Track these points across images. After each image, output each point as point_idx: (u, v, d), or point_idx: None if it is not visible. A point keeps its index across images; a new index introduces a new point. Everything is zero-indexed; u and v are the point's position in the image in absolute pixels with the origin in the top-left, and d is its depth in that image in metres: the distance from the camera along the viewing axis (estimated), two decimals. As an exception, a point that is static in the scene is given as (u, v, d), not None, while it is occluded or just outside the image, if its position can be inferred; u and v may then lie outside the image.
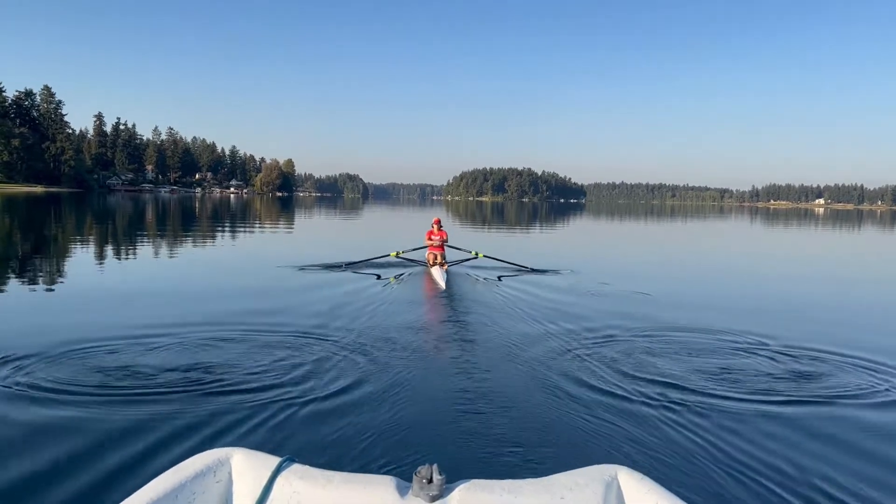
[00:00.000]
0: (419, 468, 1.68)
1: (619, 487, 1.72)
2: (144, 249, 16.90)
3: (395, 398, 4.71)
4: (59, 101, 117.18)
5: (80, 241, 18.98)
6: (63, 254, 15.21)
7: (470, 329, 7.35)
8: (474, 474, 1.80)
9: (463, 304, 9.10)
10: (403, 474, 1.76)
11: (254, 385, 4.85)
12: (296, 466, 1.77)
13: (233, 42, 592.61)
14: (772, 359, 6.16)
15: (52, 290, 9.79)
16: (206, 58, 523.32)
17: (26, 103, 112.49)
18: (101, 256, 15.02)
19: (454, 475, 1.77)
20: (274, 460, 1.78)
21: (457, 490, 1.67)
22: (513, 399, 4.84)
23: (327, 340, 6.34)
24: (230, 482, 1.77)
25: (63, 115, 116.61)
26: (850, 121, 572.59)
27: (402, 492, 1.67)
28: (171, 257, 15.60)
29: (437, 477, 1.65)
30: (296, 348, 5.99)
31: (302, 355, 5.75)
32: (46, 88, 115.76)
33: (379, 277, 11.34)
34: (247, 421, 4.16)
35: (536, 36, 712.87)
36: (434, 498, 1.63)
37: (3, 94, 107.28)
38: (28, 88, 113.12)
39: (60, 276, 11.55)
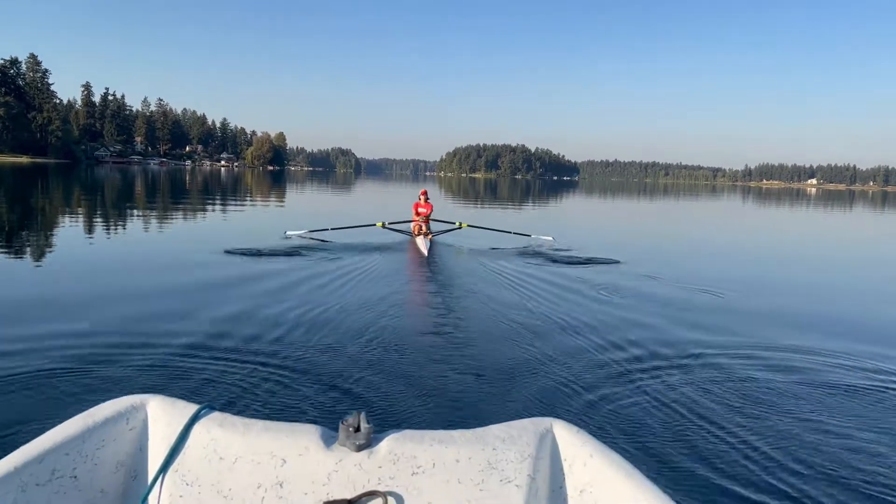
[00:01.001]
0: (346, 416, 1.63)
1: (553, 439, 1.69)
2: (127, 221, 16.99)
3: (333, 353, 4.71)
4: (46, 70, 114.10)
5: (66, 214, 18.96)
6: (48, 225, 15.22)
7: (433, 291, 7.65)
8: (405, 426, 1.80)
9: (439, 269, 9.42)
10: (330, 424, 1.69)
11: (190, 338, 4.92)
12: (215, 414, 1.69)
13: (225, 13, 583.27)
14: (714, 312, 6.75)
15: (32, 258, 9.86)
16: (199, 30, 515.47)
17: (11, 72, 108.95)
18: (89, 229, 15.08)
19: (384, 426, 1.73)
20: (192, 407, 1.70)
21: (385, 440, 1.62)
22: (456, 354, 4.91)
23: (283, 302, 6.40)
24: (144, 429, 1.69)
25: (49, 85, 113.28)
26: (843, 101, 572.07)
27: (328, 441, 1.61)
28: (155, 229, 15.66)
29: (364, 426, 1.59)
30: (250, 309, 6.02)
31: (252, 314, 5.81)
32: (32, 57, 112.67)
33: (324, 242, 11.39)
34: (173, 371, 4.16)
35: (530, 12, 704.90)
36: (361, 447, 1.58)
37: None
38: (14, 56, 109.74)
39: (45, 246, 11.61)
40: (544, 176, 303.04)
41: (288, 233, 12.62)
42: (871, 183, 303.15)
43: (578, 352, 5.13)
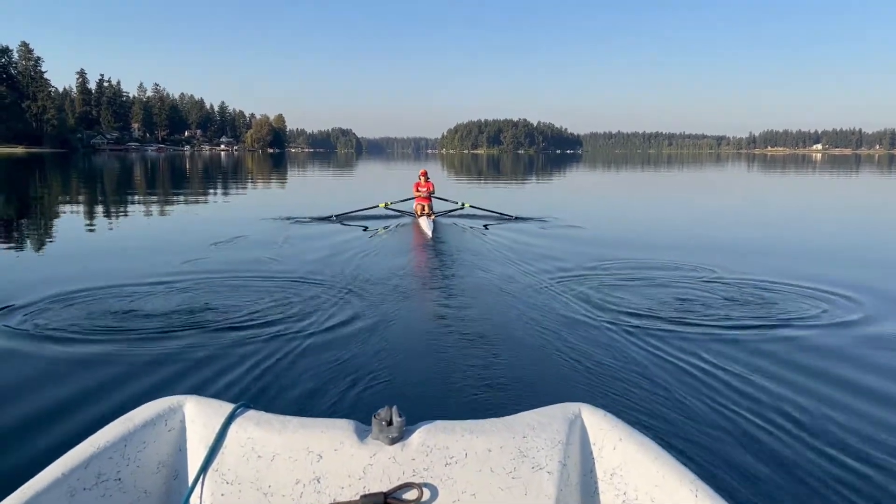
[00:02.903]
0: (378, 410, 1.64)
1: (582, 424, 1.70)
2: (131, 209, 16.77)
3: (360, 345, 4.66)
4: (38, 58, 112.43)
5: (66, 204, 18.77)
6: (49, 216, 15.05)
7: (447, 276, 7.44)
8: (436, 417, 1.75)
9: (446, 251, 9.30)
10: (364, 418, 1.71)
11: (219, 333, 4.86)
12: (250, 412, 1.73)
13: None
14: (731, 293, 6.36)
15: (42, 246, 9.70)
16: (194, 12, 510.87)
17: (2, 60, 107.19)
18: (90, 216, 14.91)
19: (415, 417, 1.73)
20: (228, 407, 1.74)
21: (417, 432, 1.65)
22: (480, 341, 4.83)
23: (301, 291, 6.32)
24: (182, 430, 1.73)
25: (43, 73, 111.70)
26: (848, 65, 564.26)
27: (361, 435, 1.63)
28: (159, 216, 15.47)
29: (396, 419, 1.61)
30: (270, 298, 5.96)
31: (273, 305, 5.73)
32: (24, 45, 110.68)
33: (365, 229, 11.43)
34: (207, 368, 4.14)
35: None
36: (394, 440, 1.61)
37: None
38: (4, 45, 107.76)
39: (48, 235, 11.43)
40: (547, 150, 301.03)
41: (308, 216, 12.71)
42: (878, 146, 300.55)
43: (601, 334, 4.99)
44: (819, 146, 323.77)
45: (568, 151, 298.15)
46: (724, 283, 6.83)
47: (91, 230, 12.19)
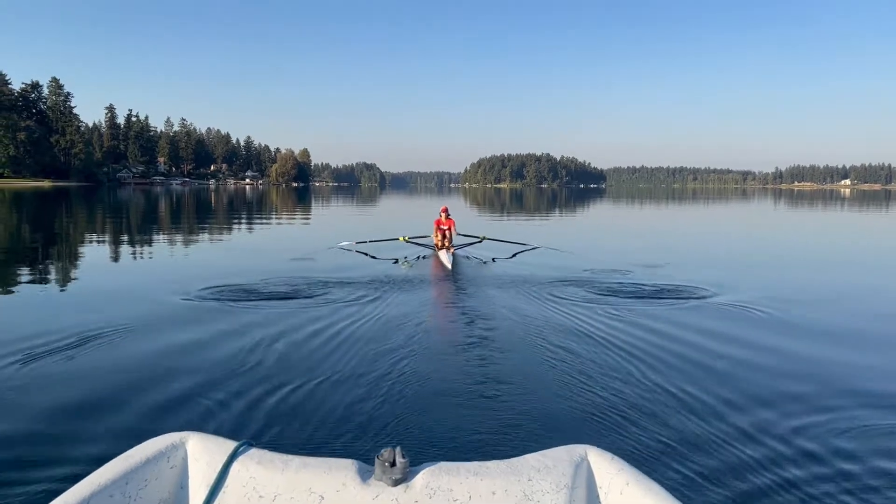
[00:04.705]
0: (381, 451, 1.61)
1: (589, 467, 1.67)
2: (156, 242, 16.97)
3: (363, 382, 4.55)
4: (68, 94, 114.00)
5: (90, 238, 19.00)
6: (71, 252, 15.21)
7: (461, 312, 7.33)
8: (440, 458, 1.73)
9: (463, 285, 9.22)
10: (366, 458, 1.68)
11: (222, 370, 4.78)
12: (253, 451, 1.70)
13: (248, 34, 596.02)
14: (749, 336, 6.09)
15: (58, 287, 9.68)
16: (221, 49, 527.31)
17: (32, 96, 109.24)
18: (108, 252, 15.06)
19: (419, 459, 1.69)
20: (230, 444, 1.71)
21: (421, 473, 1.61)
22: (485, 380, 4.69)
23: (311, 324, 6.30)
24: (185, 467, 1.70)
25: (72, 108, 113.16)
26: (875, 98, 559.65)
27: (364, 476, 1.61)
28: (184, 250, 15.52)
29: (400, 460, 1.59)
30: (277, 333, 5.92)
31: (279, 339, 5.69)
32: (54, 80, 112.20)
33: (396, 262, 11.38)
34: (209, 405, 4.05)
35: (551, 22, 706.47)
36: (397, 482, 1.58)
37: (9, 86, 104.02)
38: (34, 80, 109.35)
39: (70, 273, 11.49)
40: (570, 184, 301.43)
41: (341, 245, 13.06)
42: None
43: (609, 374, 4.84)
44: (847, 181, 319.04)
45: (591, 186, 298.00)
46: (747, 320, 6.61)
47: (107, 264, 12.27)
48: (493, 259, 11.88)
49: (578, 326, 6.30)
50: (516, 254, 12.62)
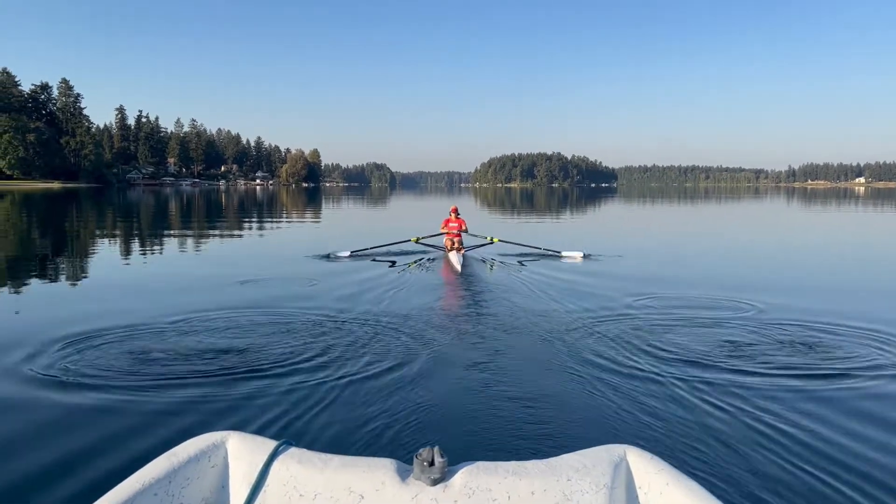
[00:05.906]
0: (420, 450, 1.62)
1: (628, 468, 1.65)
2: (167, 244, 16.88)
3: (399, 382, 4.53)
4: (78, 95, 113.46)
5: (100, 238, 19.00)
6: (83, 251, 15.19)
7: (481, 311, 7.22)
8: (478, 457, 1.69)
9: (477, 286, 9.12)
10: (405, 458, 1.70)
11: (259, 370, 4.74)
12: (293, 450, 1.72)
13: (259, 34, 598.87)
14: (784, 335, 5.92)
15: (75, 283, 9.67)
16: (231, 49, 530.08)
17: (42, 97, 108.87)
18: (126, 251, 15.00)
19: (457, 458, 1.69)
20: (270, 444, 1.73)
21: (459, 473, 1.61)
22: (520, 379, 4.65)
23: (338, 326, 6.25)
24: (225, 466, 1.72)
25: (82, 109, 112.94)
26: (890, 96, 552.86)
27: (403, 475, 1.61)
28: (195, 251, 15.48)
29: (438, 459, 1.59)
30: (308, 334, 5.87)
31: (311, 341, 5.63)
32: (64, 81, 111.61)
33: (393, 264, 11.16)
34: (249, 405, 4.04)
35: (564, 20, 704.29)
36: (436, 481, 1.58)
37: (19, 87, 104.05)
38: (44, 82, 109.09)
39: (81, 270, 11.45)
40: (581, 183, 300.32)
41: (336, 254, 12.22)
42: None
43: (645, 374, 4.74)
44: (861, 179, 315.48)
45: (603, 185, 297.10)
46: (776, 323, 6.36)
47: (123, 265, 12.18)
48: (519, 262, 11.56)
49: (607, 330, 6.08)
50: (527, 255, 12.37)
